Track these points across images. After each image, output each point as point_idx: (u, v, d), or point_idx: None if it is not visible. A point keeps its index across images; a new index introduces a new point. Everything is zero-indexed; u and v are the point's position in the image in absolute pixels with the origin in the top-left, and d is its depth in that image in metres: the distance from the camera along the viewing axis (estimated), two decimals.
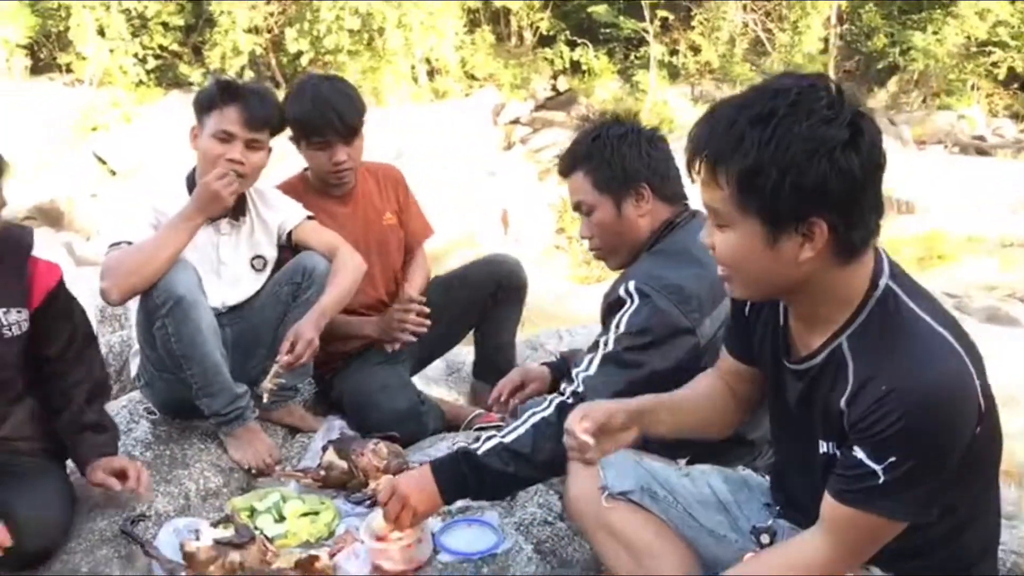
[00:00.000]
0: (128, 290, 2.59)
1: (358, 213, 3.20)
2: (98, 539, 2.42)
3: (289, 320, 2.87)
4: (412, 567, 2.23)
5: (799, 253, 1.49)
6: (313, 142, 2.99)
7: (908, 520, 1.55)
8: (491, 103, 14.96)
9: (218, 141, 2.74)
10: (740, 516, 1.98)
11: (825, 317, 1.59)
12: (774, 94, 1.46)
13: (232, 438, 2.81)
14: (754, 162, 1.44)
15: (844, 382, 1.55)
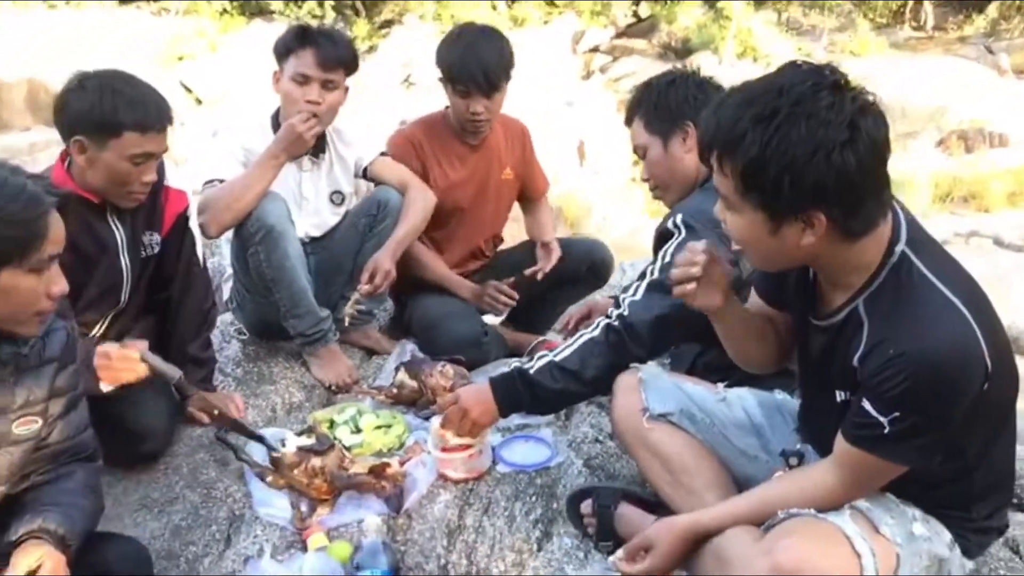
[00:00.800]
0: (224, 224, 2.86)
1: (483, 163, 3.37)
2: (196, 444, 2.72)
3: (366, 249, 3.12)
4: (473, 475, 2.47)
5: (801, 238, 1.61)
6: (457, 89, 3.14)
7: (909, 466, 1.70)
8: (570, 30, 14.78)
9: (296, 84, 2.96)
10: (771, 439, 2.14)
11: (845, 281, 1.71)
12: (778, 92, 1.55)
13: (315, 358, 3.08)
14: (756, 159, 1.55)
15: (859, 341, 1.67)
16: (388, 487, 2.41)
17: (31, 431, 1.87)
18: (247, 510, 2.44)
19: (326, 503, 2.44)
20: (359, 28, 14.64)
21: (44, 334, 1.88)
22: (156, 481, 2.57)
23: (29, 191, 1.70)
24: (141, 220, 2.63)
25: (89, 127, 2.39)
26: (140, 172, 2.45)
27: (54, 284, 1.76)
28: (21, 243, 1.68)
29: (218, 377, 3.01)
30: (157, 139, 2.44)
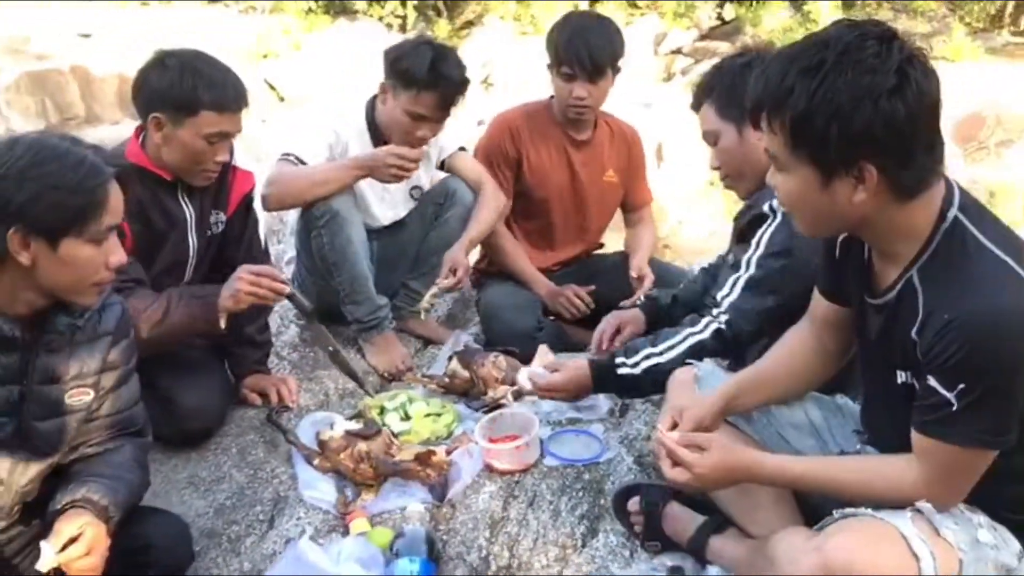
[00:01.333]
0: (284, 205, 2.92)
1: (583, 158, 3.30)
2: (247, 425, 2.72)
3: (431, 238, 3.15)
4: (519, 468, 2.41)
5: (853, 195, 1.55)
6: (561, 71, 3.09)
7: (983, 445, 1.58)
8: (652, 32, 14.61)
9: (411, 119, 2.94)
10: (830, 440, 2.04)
11: (898, 252, 1.63)
12: (824, 45, 1.50)
13: (370, 344, 3.07)
14: (803, 111, 1.50)
15: (915, 313, 1.58)
16: (433, 475, 2.37)
17: (83, 402, 1.89)
18: (292, 492, 2.43)
19: (371, 488, 2.41)
20: (440, 28, 14.65)
21: (100, 308, 1.91)
22: (205, 460, 2.58)
23: (90, 161, 1.71)
24: (209, 199, 2.65)
25: (168, 104, 2.42)
26: (214, 151, 2.47)
27: (112, 255, 1.78)
28: (81, 212, 1.70)
29: (273, 360, 3.02)
30: (233, 119, 2.46)
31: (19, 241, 1.68)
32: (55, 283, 1.75)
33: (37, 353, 1.81)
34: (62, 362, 1.85)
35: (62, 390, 1.86)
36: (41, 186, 1.66)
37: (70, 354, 1.86)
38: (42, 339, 1.81)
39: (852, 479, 1.71)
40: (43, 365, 1.82)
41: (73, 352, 1.87)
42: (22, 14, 12.84)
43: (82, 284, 1.77)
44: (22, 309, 1.77)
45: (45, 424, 1.85)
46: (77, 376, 1.88)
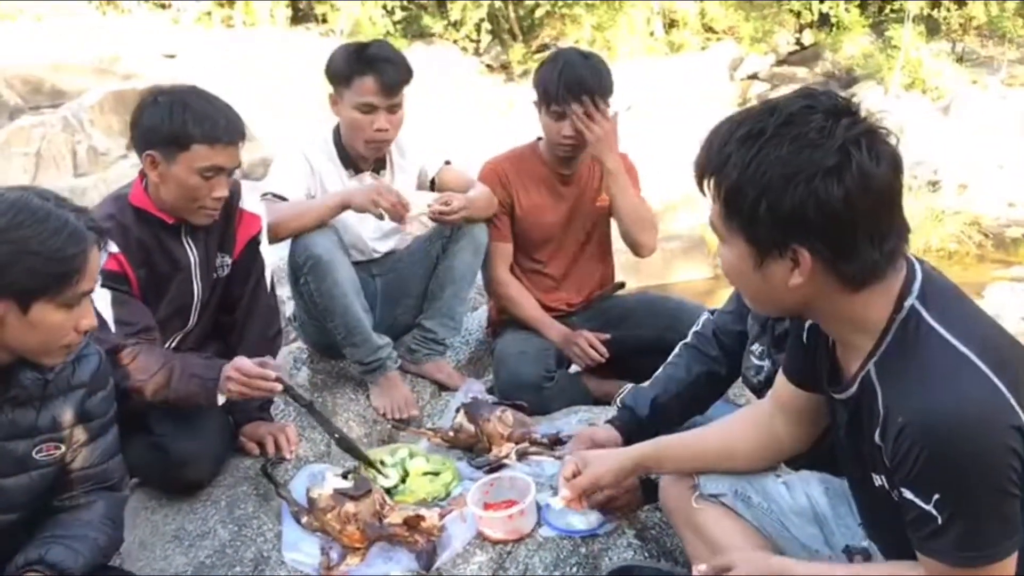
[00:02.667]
0: (273, 240, 2.78)
1: (574, 191, 3.21)
2: (241, 476, 2.63)
3: (440, 272, 3.07)
4: (513, 537, 2.26)
5: (788, 278, 1.44)
6: (552, 110, 3.00)
7: (987, 560, 1.40)
8: (728, 57, 14.39)
9: (361, 113, 2.87)
10: (835, 531, 1.86)
11: (855, 343, 1.50)
12: (769, 112, 1.40)
13: (374, 386, 3.00)
14: (735, 183, 1.41)
15: (876, 414, 1.45)
16: (421, 541, 2.24)
17: (52, 458, 1.85)
18: (276, 552, 2.33)
19: (357, 552, 2.29)
20: (515, 52, 14.74)
21: (75, 359, 1.87)
22: (194, 512, 2.49)
23: (71, 226, 1.69)
24: (214, 241, 2.60)
25: (160, 141, 2.38)
26: (211, 187, 2.41)
27: (83, 318, 1.75)
28: (56, 278, 1.67)
29: (279, 405, 2.93)
30: (226, 152, 2.40)
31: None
32: (21, 344, 1.73)
33: (2, 407, 1.77)
34: (29, 416, 1.81)
35: (29, 445, 1.81)
36: (17, 249, 1.64)
37: (40, 407, 1.82)
38: (7, 394, 1.77)
39: None
40: (8, 419, 1.79)
41: (44, 405, 1.82)
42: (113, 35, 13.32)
43: (49, 347, 1.75)
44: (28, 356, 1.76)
45: (9, 481, 1.81)
46: (48, 430, 1.82)
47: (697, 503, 1.90)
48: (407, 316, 3.17)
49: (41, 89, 11.61)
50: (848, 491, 1.88)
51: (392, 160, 3.11)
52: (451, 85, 13.32)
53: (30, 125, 9.96)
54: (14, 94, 11.14)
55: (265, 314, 2.74)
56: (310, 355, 3.22)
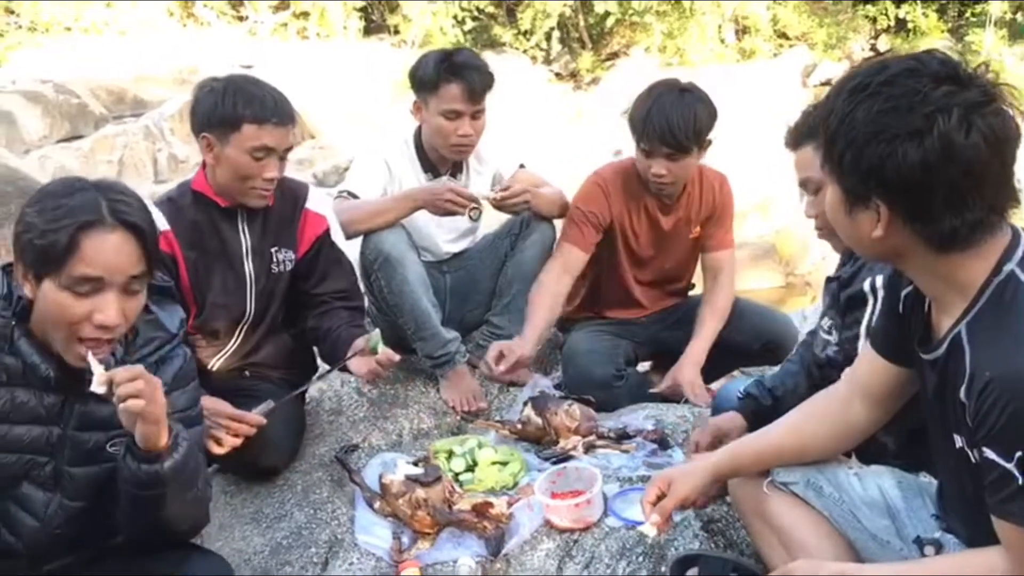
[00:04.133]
0: (344, 236, 2.86)
1: (676, 223, 3.14)
2: (317, 463, 2.72)
3: (508, 268, 3.13)
4: (579, 526, 2.29)
5: (872, 229, 1.49)
6: (641, 148, 2.95)
7: None
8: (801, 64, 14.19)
9: (446, 119, 2.94)
10: (907, 523, 1.84)
11: (948, 302, 1.52)
12: (879, 69, 1.45)
13: (444, 379, 3.06)
14: (832, 132, 1.48)
15: (963, 372, 1.46)
16: (489, 527, 2.29)
17: None
18: (349, 535, 2.40)
19: (428, 537, 2.35)
20: (584, 60, 14.77)
21: (158, 361, 1.86)
22: (271, 496, 2.59)
23: (77, 204, 1.65)
24: (271, 231, 2.68)
25: (213, 123, 2.49)
26: (261, 167, 2.50)
27: (98, 311, 1.66)
28: (44, 255, 1.64)
29: (353, 396, 3.02)
30: (274, 133, 2.49)
31: (21, 272, 1.70)
32: (45, 325, 1.70)
33: (76, 398, 1.78)
34: (106, 409, 1.78)
35: (104, 438, 1.82)
36: (25, 223, 1.67)
37: None
38: (80, 388, 1.75)
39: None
40: (82, 411, 1.80)
41: None
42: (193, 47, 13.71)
43: (60, 334, 1.69)
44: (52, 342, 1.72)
45: (79, 470, 1.83)
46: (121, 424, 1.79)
47: (768, 490, 1.91)
48: (476, 313, 3.23)
49: (124, 99, 12.02)
50: (922, 487, 1.88)
51: (468, 164, 3.18)
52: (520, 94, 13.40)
53: (113, 134, 10.35)
54: (99, 104, 11.53)
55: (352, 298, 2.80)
56: None
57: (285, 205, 2.71)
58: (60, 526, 1.85)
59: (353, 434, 2.85)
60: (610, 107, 13.46)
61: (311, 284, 2.76)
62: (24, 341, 1.73)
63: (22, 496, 1.82)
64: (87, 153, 9.83)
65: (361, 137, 12.86)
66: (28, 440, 1.78)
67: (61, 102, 10.77)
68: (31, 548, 1.85)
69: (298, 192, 2.75)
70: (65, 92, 10.92)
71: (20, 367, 1.73)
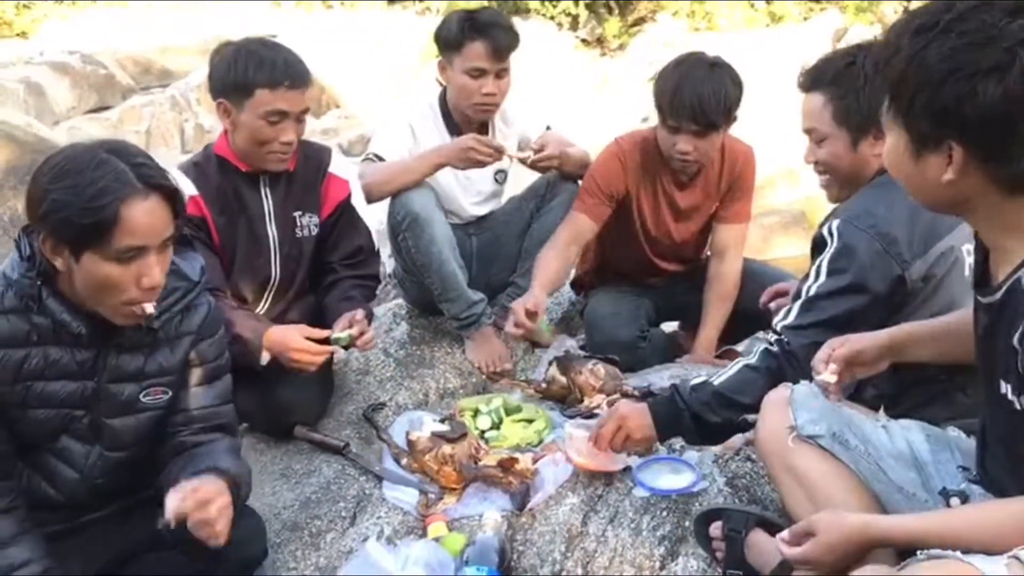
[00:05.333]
0: (371, 198, 2.88)
1: (693, 199, 3.10)
2: (345, 420, 2.76)
3: (532, 231, 3.13)
4: (601, 468, 2.31)
5: (943, 173, 1.43)
6: (666, 123, 2.87)
7: None
8: (832, 27, 13.98)
9: (471, 78, 2.93)
10: (934, 475, 1.83)
11: (1009, 247, 1.48)
12: (946, 7, 1.38)
13: (469, 340, 3.08)
14: (899, 73, 1.42)
15: (1019, 318, 1.42)
16: (515, 483, 2.32)
17: (159, 402, 1.92)
18: (377, 490, 2.43)
19: (454, 492, 2.38)
20: (611, 26, 14.64)
21: (184, 308, 1.91)
22: (300, 452, 2.63)
23: (112, 177, 1.67)
24: (295, 196, 2.69)
25: (228, 89, 2.50)
26: (277, 132, 2.51)
27: (144, 275, 1.71)
28: (87, 231, 1.66)
29: (380, 356, 3.05)
30: (288, 96, 2.48)
31: (50, 247, 1.70)
32: (84, 293, 1.74)
33: (108, 351, 1.84)
34: (136, 361, 1.86)
35: (137, 389, 1.88)
36: (55, 200, 1.66)
37: (149, 353, 1.88)
38: (111, 341, 1.83)
39: (967, 530, 1.49)
40: (114, 364, 1.85)
41: (153, 351, 1.88)
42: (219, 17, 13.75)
43: (110, 301, 1.74)
44: (92, 307, 1.77)
45: (116, 421, 1.89)
46: (155, 375, 1.89)
47: (793, 443, 1.89)
48: (502, 275, 3.24)
49: (151, 70, 12.10)
50: (951, 440, 1.87)
51: (495, 126, 3.17)
52: (546, 61, 13.33)
53: (140, 105, 10.43)
54: (126, 75, 11.62)
55: (368, 269, 2.82)
56: (409, 311, 3.32)
57: (308, 169, 2.72)
58: (100, 476, 1.91)
59: (380, 393, 2.88)
60: (637, 73, 13.35)
61: (326, 250, 2.78)
62: (52, 300, 1.76)
63: (61, 449, 1.88)
64: (115, 124, 9.91)
65: (387, 106, 12.88)
66: (64, 395, 1.83)
67: (88, 73, 10.85)
68: (71, 499, 1.92)
69: (321, 156, 2.76)
70: (92, 63, 11.02)
71: (50, 325, 1.77)
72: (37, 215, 1.70)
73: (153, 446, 1.96)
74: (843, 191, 2.26)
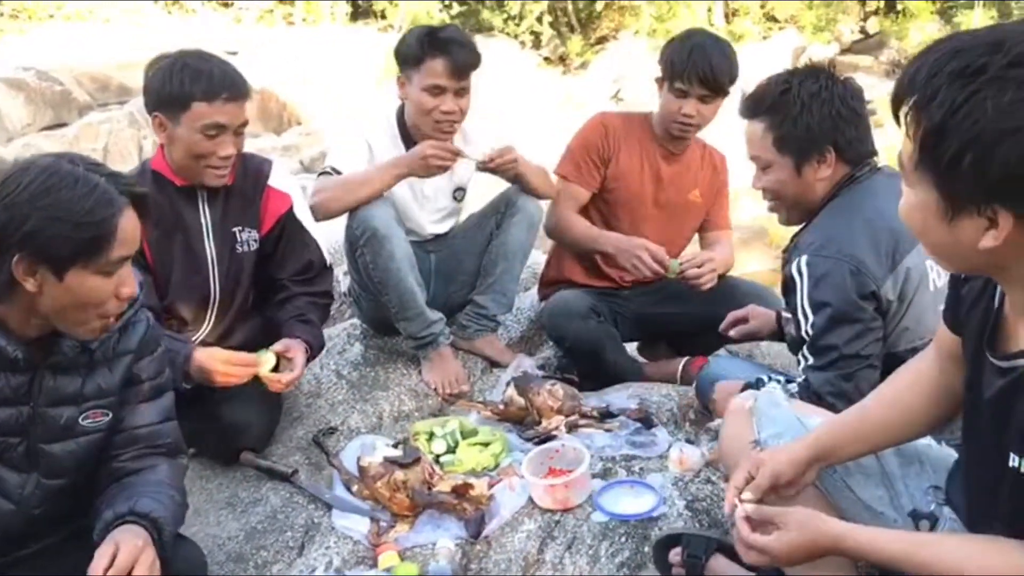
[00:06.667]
0: (330, 212, 2.80)
1: (672, 174, 3.17)
2: (294, 446, 2.67)
3: (493, 248, 3.06)
4: (560, 507, 2.25)
5: (980, 238, 1.25)
6: (674, 87, 2.95)
7: None
8: (791, 47, 14.16)
9: (429, 95, 2.86)
10: (903, 493, 1.77)
11: None
12: (996, 47, 1.18)
13: (426, 360, 3.00)
14: (938, 125, 1.21)
15: None
16: (469, 509, 2.24)
17: (99, 424, 1.84)
18: (326, 519, 2.35)
19: (407, 520, 2.30)
20: (573, 45, 14.72)
21: (122, 327, 1.84)
22: (247, 479, 2.53)
23: (101, 190, 1.64)
24: (234, 212, 2.59)
25: (163, 103, 2.41)
26: (215, 145, 2.42)
27: (124, 286, 1.71)
28: (88, 244, 1.63)
29: (332, 379, 2.97)
30: (225, 109, 2.40)
31: (24, 268, 1.62)
32: (58, 311, 1.69)
33: (43, 375, 1.76)
34: (74, 383, 1.79)
35: (76, 412, 1.80)
36: (48, 216, 1.60)
37: (86, 375, 1.80)
38: (47, 361, 1.75)
39: (948, 562, 1.39)
40: (51, 386, 1.77)
41: (90, 373, 1.81)
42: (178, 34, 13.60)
43: (87, 314, 1.70)
44: (32, 332, 1.72)
45: (55, 446, 1.80)
46: (94, 396, 1.82)
47: None
48: (461, 293, 3.17)
49: (108, 87, 11.91)
50: (920, 451, 1.80)
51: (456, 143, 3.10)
52: (510, 79, 13.34)
53: (98, 121, 10.23)
54: (83, 91, 11.43)
55: (320, 284, 2.73)
56: (363, 331, 3.24)
57: (247, 183, 2.62)
58: (38, 506, 1.82)
59: (332, 416, 2.79)
60: (599, 91, 13.42)
61: (273, 266, 2.69)
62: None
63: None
64: (71, 141, 9.70)
65: (348, 123, 12.79)
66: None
67: (44, 89, 10.63)
68: (5, 531, 1.81)
69: (260, 168, 2.66)
70: (48, 79, 10.79)
71: None
72: (16, 238, 1.61)
73: (94, 472, 1.87)
74: (792, 214, 2.27)
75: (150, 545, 1.67)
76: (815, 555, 1.52)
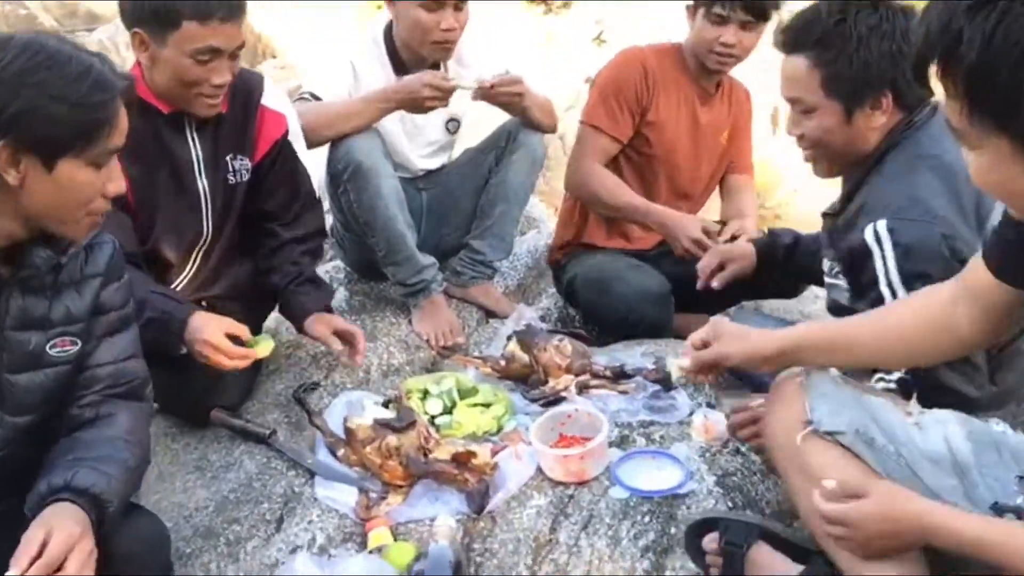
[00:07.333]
0: (310, 143, 2.51)
1: (711, 120, 2.90)
2: (272, 402, 2.42)
3: (492, 186, 2.81)
4: (574, 480, 2.00)
5: None
6: (713, 13, 2.67)
7: None
8: None
9: (427, 11, 2.57)
10: (980, 483, 1.55)
11: None
12: None
13: (417, 309, 2.75)
14: (978, 63, 1.15)
15: None
16: (471, 480, 1.98)
17: (68, 354, 1.65)
18: (308, 488, 2.09)
19: (399, 491, 2.05)
20: None
21: (87, 247, 1.66)
22: (219, 440, 2.28)
23: (96, 71, 1.49)
24: (226, 139, 2.30)
25: (147, 18, 2.09)
26: (208, 72, 2.12)
27: (111, 182, 1.56)
28: (85, 130, 1.47)
29: None
30: (221, 30, 2.09)
31: (8, 157, 1.44)
32: (43, 208, 1.52)
33: (12, 292, 1.57)
34: (41, 306, 1.61)
35: (43, 339, 1.62)
36: (39, 96, 1.44)
37: (53, 297, 1.62)
38: (16, 274, 1.57)
39: None
40: (18, 307, 1.58)
41: (56, 295, 1.63)
42: None
43: (75, 212, 1.54)
44: (1, 239, 1.53)
45: (22, 377, 1.61)
46: (61, 323, 1.63)
47: (805, 442, 1.60)
48: (454, 236, 2.89)
49: (76, 13, 11.48)
50: (996, 438, 1.60)
51: (448, 68, 2.79)
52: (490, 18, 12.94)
53: None
54: (50, 17, 11.03)
55: (310, 221, 2.47)
56: (348, 275, 2.98)
57: (237, 104, 2.32)
58: (3, 447, 1.61)
59: (314, 370, 2.52)
60: (582, 32, 13.05)
61: (261, 197, 2.41)
62: None
63: None
64: None
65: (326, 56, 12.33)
66: None
67: (8, 13, 10.30)
68: None
69: (251, 86, 2.36)
70: (13, 3, 10.40)
71: None
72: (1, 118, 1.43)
73: (58, 411, 1.68)
74: (834, 167, 2.01)
75: (89, 533, 1.46)
76: (894, 533, 1.44)
